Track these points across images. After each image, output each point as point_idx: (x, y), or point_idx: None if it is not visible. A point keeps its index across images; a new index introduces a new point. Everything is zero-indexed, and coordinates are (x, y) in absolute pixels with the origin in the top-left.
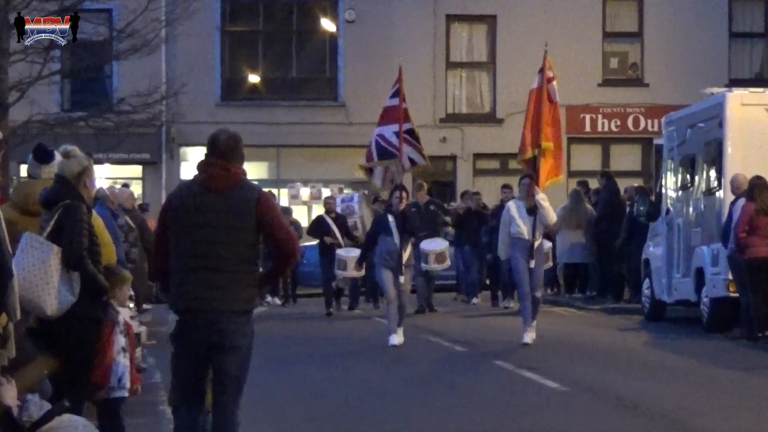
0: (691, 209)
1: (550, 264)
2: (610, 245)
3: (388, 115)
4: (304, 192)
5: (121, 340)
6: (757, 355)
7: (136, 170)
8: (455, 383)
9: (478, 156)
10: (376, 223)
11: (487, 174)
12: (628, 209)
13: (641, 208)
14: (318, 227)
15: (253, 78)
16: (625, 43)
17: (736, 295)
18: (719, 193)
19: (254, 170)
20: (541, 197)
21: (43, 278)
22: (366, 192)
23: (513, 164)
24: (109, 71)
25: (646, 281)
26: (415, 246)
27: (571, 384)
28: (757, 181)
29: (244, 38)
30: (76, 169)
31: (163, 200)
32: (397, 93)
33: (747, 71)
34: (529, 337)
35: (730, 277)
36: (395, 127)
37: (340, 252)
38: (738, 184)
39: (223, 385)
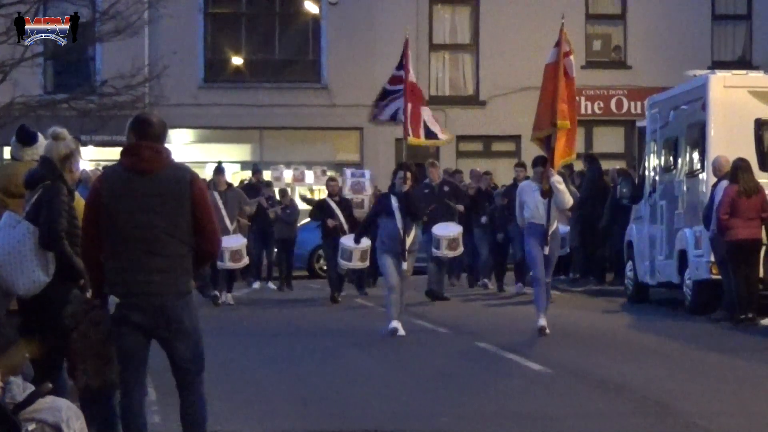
0: (674, 191)
1: (567, 250)
2: (593, 227)
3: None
4: (287, 174)
5: None
6: (739, 337)
7: (119, 152)
8: (439, 366)
9: (461, 138)
10: (377, 205)
11: (470, 156)
12: (611, 192)
13: (624, 191)
14: (320, 211)
15: (236, 60)
16: (608, 26)
17: (719, 277)
18: (702, 176)
19: (237, 152)
20: (557, 180)
21: (17, 257)
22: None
23: (496, 146)
24: (91, 53)
25: (629, 263)
26: (428, 229)
27: (554, 366)
28: (740, 162)
29: (226, 20)
30: (63, 151)
31: None
32: (402, 66)
33: (730, 53)
34: (545, 321)
35: (713, 259)
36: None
37: (345, 241)
38: (719, 166)
39: (181, 368)
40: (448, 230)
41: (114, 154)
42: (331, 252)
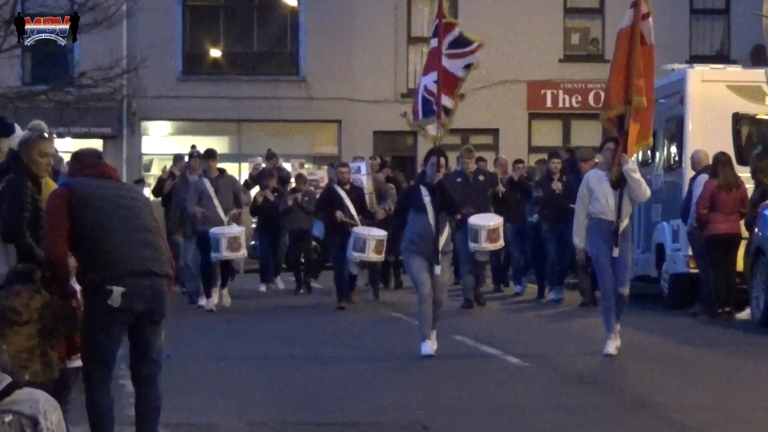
0: (651, 185)
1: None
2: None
3: (430, 60)
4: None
5: None
6: (716, 331)
7: (97, 144)
8: (416, 358)
9: None
10: (406, 197)
11: (448, 149)
12: None
13: None
14: (328, 201)
15: (215, 52)
16: (586, 19)
17: (696, 271)
18: (680, 170)
19: (215, 144)
20: (630, 167)
21: None
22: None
23: (474, 140)
24: (70, 45)
25: None
26: (462, 223)
27: (531, 360)
28: (721, 157)
29: (205, 12)
30: (36, 143)
31: (125, 174)
32: (437, 31)
33: (707, 48)
34: (614, 345)
35: (690, 253)
36: (435, 75)
37: (358, 230)
38: (698, 160)
39: (149, 358)
40: (486, 220)
41: (92, 145)
42: (337, 251)
